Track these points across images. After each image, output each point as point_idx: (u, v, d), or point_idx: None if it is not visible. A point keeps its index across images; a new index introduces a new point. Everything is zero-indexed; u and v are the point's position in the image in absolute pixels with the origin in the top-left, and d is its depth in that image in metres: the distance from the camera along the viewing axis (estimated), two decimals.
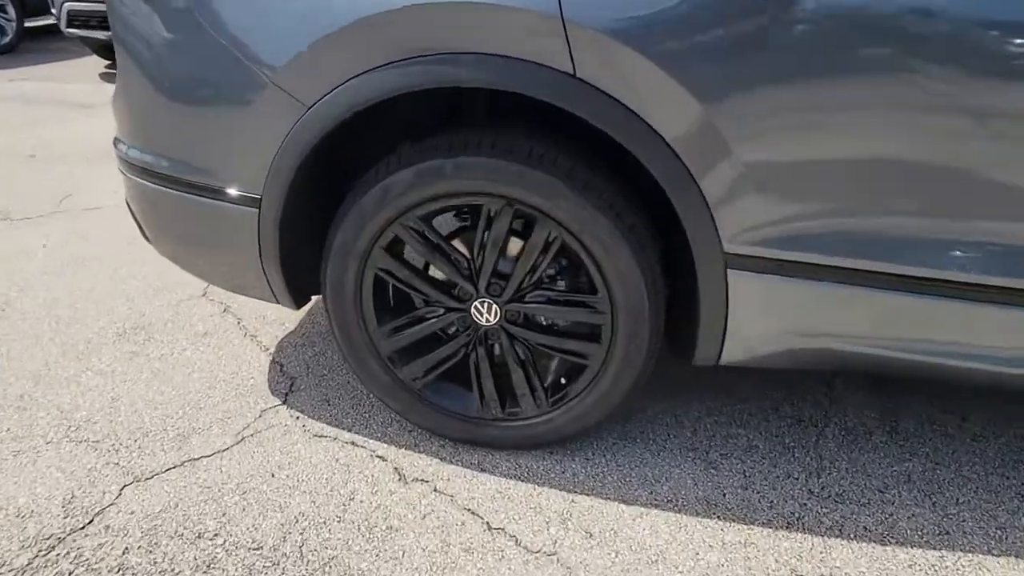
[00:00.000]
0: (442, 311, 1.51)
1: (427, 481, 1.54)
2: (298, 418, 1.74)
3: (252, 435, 1.68)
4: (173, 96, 1.42)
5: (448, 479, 1.55)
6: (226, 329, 2.14)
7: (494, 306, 1.47)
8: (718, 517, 1.45)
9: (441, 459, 1.60)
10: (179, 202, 1.52)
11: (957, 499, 1.50)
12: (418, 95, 1.27)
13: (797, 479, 1.55)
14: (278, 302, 1.61)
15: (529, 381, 1.52)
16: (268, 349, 2.03)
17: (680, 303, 1.44)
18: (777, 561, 1.35)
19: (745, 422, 1.73)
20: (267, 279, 1.54)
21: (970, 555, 1.36)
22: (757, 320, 1.32)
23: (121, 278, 2.47)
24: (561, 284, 1.49)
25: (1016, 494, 1.51)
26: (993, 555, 1.36)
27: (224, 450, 1.63)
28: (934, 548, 1.38)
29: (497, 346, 1.53)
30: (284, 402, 1.80)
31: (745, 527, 1.43)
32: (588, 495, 1.50)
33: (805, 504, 1.48)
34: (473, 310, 1.48)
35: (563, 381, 1.54)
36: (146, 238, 1.73)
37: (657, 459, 1.61)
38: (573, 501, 1.49)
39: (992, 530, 1.42)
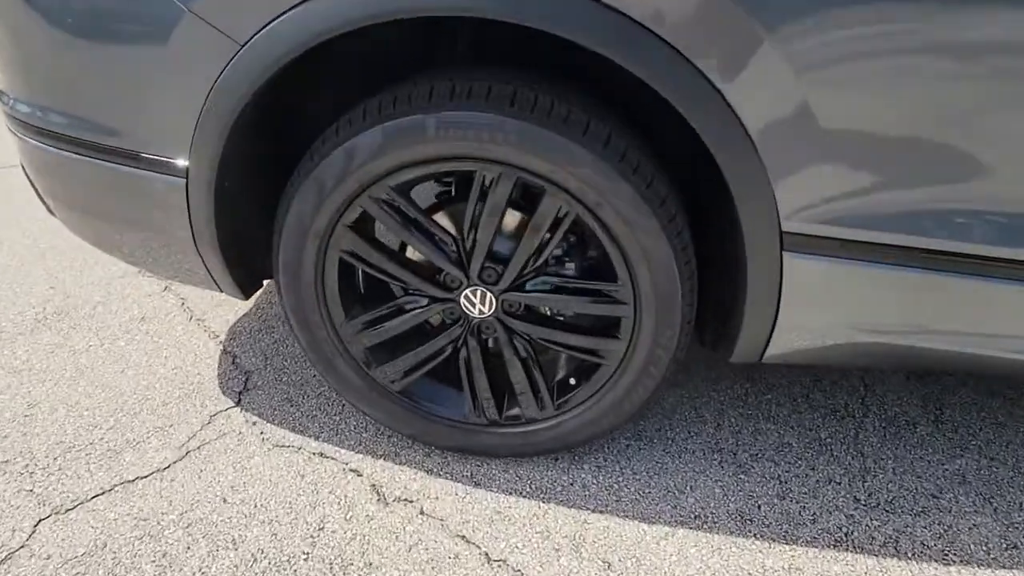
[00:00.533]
0: (425, 302, 1.24)
1: (412, 501, 1.30)
2: (255, 424, 1.47)
3: (199, 447, 1.41)
4: (64, 34, 1.08)
5: (437, 498, 1.30)
6: (167, 312, 1.83)
7: (488, 295, 1.20)
8: (755, 536, 1.24)
9: (427, 471, 1.36)
10: (86, 169, 1.20)
11: (1021, 503, 1.31)
12: (384, 27, 0.96)
13: (840, 484, 1.34)
14: (222, 291, 1.32)
15: (531, 380, 1.27)
16: (218, 336, 1.74)
17: (716, 291, 1.18)
18: None
19: (774, 415, 1.51)
20: (205, 265, 1.24)
21: None
22: (815, 311, 1.08)
23: (41, 251, 2.13)
24: (570, 268, 1.23)
25: None
26: None
27: (165, 468, 1.36)
28: (1003, 567, 1.19)
29: (492, 340, 1.27)
30: (238, 403, 1.52)
31: (787, 548, 1.22)
32: (602, 513, 1.28)
33: (852, 516, 1.28)
34: (463, 300, 1.21)
35: (572, 381, 1.29)
36: (51, 213, 1.40)
37: (679, 463, 1.39)
38: (586, 522, 1.26)
39: None
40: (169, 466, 1.36)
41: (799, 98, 0.89)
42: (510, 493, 1.31)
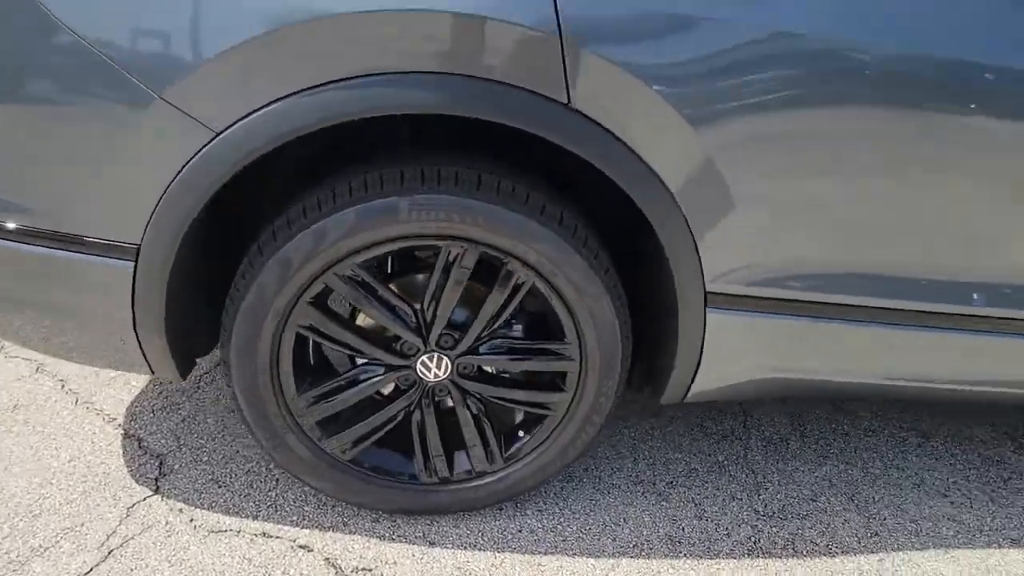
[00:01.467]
0: (381, 370, 1.28)
1: (370, 570, 1.30)
2: (181, 511, 1.38)
3: (122, 545, 1.30)
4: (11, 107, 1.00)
5: (395, 563, 1.32)
6: (46, 397, 1.65)
7: (444, 360, 1.27)
8: (684, 555, 1.41)
9: (380, 537, 1.37)
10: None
11: (873, 497, 1.61)
12: None
13: (741, 499, 1.56)
14: (152, 374, 1.25)
15: (482, 435, 1.35)
16: (115, 419, 1.60)
17: (646, 340, 1.36)
18: None
19: (678, 444, 1.72)
20: (141, 348, 1.18)
21: (901, 553, 1.47)
22: (731, 356, 1.28)
23: None
24: (517, 330, 1.33)
25: (912, 484, 1.66)
26: (917, 549, 1.48)
27: (87, 573, 1.23)
28: (872, 551, 1.47)
29: (444, 401, 1.33)
30: (156, 491, 1.42)
31: (712, 562, 1.40)
32: (553, 554, 1.38)
33: (756, 526, 1.50)
34: (419, 366, 1.27)
35: (520, 433, 1.39)
36: None
37: (609, 499, 1.53)
38: (540, 565, 1.35)
39: (908, 524, 1.55)
40: (91, 570, 1.24)
41: (719, 184, 1.09)
42: (465, 547, 1.37)
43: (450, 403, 1.33)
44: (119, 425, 1.58)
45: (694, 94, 1.02)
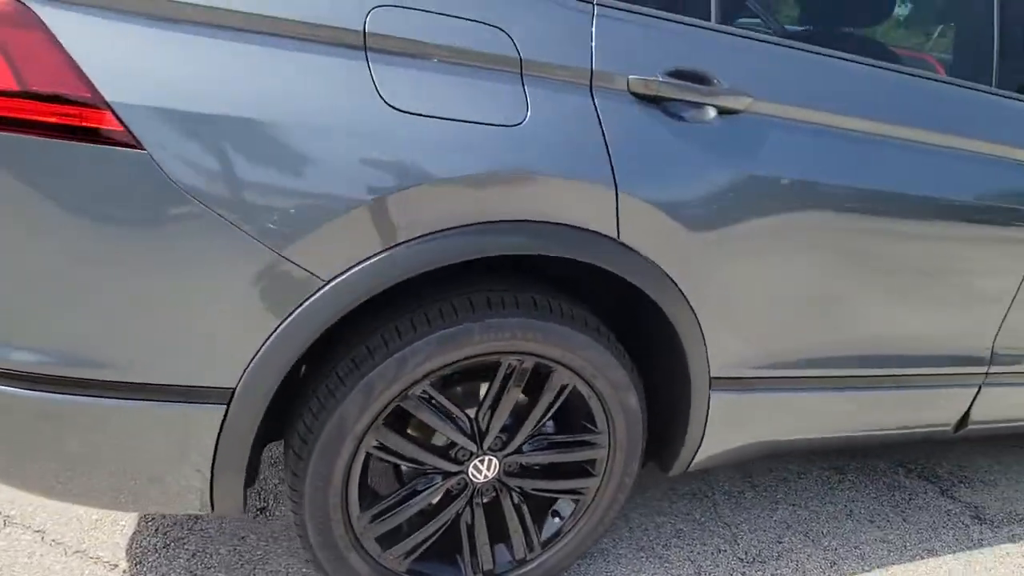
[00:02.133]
0: (439, 479, 1.37)
1: None
2: None
3: None
4: (111, 263, 1.01)
5: None
6: (30, 552, 1.52)
7: (493, 461, 1.39)
8: None
9: None
10: (74, 413, 1.08)
11: (822, 532, 1.92)
12: None
13: (726, 551, 1.80)
14: (211, 510, 1.25)
15: (524, 526, 1.47)
16: (117, 566, 1.51)
17: (657, 421, 1.57)
18: None
19: (660, 508, 1.93)
20: (211, 486, 1.19)
21: None
22: (726, 429, 1.53)
23: None
24: (550, 426, 1.49)
25: (846, 515, 2.00)
26: (867, 571, 1.80)
27: None
28: None
29: (486, 501, 1.44)
30: None
31: None
32: None
33: (745, 573, 1.73)
34: (471, 469, 1.38)
35: (556, 519, 1.52)
36: None
37: (620, 568, 1.69)
38: None
39: (854, 551, 1.86)
40: None
41: (725, 294, 1.36)
42: None
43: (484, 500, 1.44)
44: (125, 572, 1.50)
45: (706, 225, 1.28)
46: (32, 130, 0.95)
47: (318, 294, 1.08)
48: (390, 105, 1.06)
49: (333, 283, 1.08)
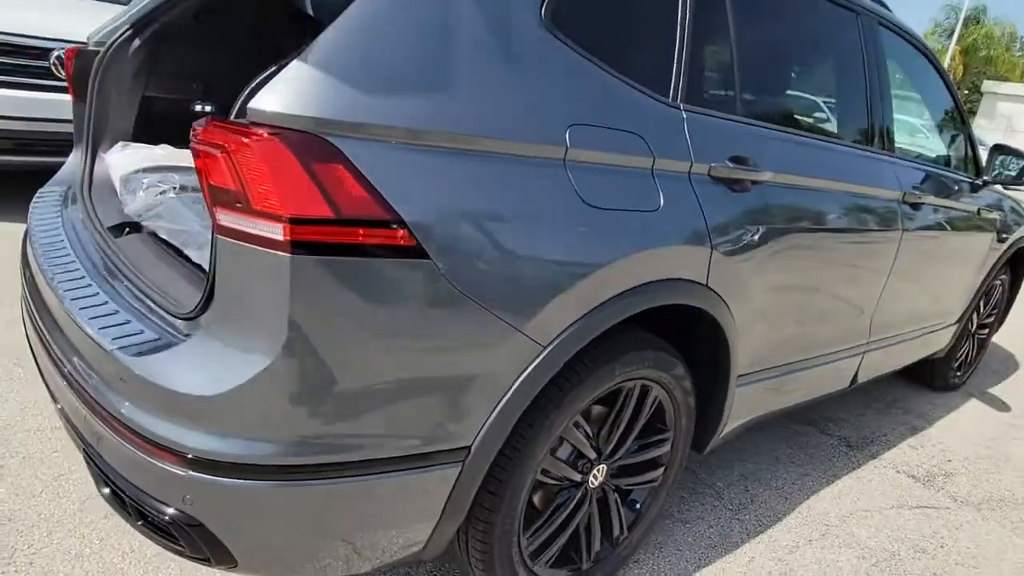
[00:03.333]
0: (575, 491, 1.67)
1: None
2: None
3: None
4: (388, 362, 1.16)
5: None
6: None
7: (604, 467, 1.73)
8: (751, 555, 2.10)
9: None
10: (344, 491, 1.21)
11: (768, 476, 2.54)
12: None
13: (718, 505, 2.32)
14: (421, 552, 1.41)
15: (618, 514, 1.82)
16: None
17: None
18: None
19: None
20: (433, 534, 1.37)
21: (808, 501, 2.41)
22: (738, 413, 2.03)
23: None
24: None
25: (774, 461, 2.65)
26: (808, 496, 2.44)
27: None
28: (793, 508, 2.37)
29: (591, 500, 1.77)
30: None
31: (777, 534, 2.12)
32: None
33: (738, 519, 2.27)
34: (591, 478, 1.70)
35: (636, 506, 1.90)
36: (214, 564, 1.20)
37: (653, 534, 2.12)
38: None
39: (793, 483, 2.50)
40: None
41: (750, 312, 1.84)
42: None
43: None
44: None
45: (746, 261, 1.75)
46: (349, 252, 1.08)
47: (540, 358, 1.33)
48: (587, 203, 1.34)
49: (549, 347, 1.34)
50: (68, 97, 2.15)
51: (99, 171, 2.06)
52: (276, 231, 1.04)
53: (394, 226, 1.11)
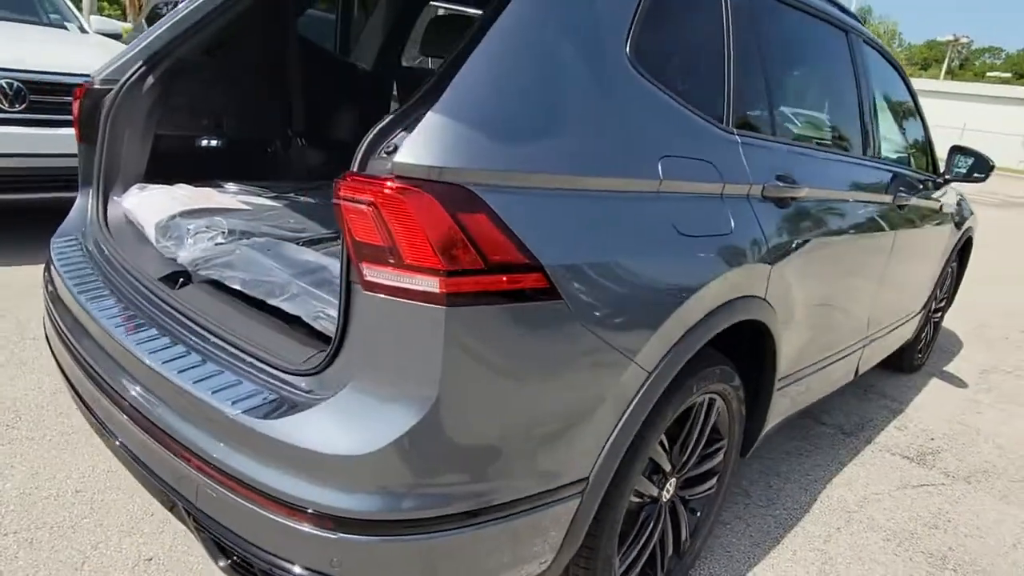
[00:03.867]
0: (653, 507, 1.71)
1: None
2: None
3: None
4: (527, 403, 1.17)
5: None
6: None
7: (674, 480, 1.78)
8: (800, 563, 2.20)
9: None
10: (482, 535, 1.21)
11: (784, 469, 2.67)
12: None
13: (748, 503, 2.43)
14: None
15: (687, 528, 1.88)
16: None
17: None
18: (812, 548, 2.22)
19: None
20: (556, 558, 1.38)
21: (827, 489, 2.55)
22: (774, 415, 2.14)
23: None
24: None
25: (786, 454, 2.79)
26: (819, 482, 2.59)
27: None
28: (815, 497, 2.51)
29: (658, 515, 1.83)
30: None
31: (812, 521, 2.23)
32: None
33: (767, 514, 2.38)
34: (665, 492, 1.75)
35: (697, 514, 1.96)
36: None
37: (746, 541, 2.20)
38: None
39: (807, 474, 2.64)
40: None
41: (791, 321, 1.94)
42: None
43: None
44: None
45: (792, 272, 1.85)
46: (495, 300, 1.08)
47: (648, 383, 1.37)
48: (680, 232, 1.39)
49: (654, 373, 1.38)
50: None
51: (114, 215, 1.95)
52: (432, 284, 1.03)
53: (532, 270, 1.12)
